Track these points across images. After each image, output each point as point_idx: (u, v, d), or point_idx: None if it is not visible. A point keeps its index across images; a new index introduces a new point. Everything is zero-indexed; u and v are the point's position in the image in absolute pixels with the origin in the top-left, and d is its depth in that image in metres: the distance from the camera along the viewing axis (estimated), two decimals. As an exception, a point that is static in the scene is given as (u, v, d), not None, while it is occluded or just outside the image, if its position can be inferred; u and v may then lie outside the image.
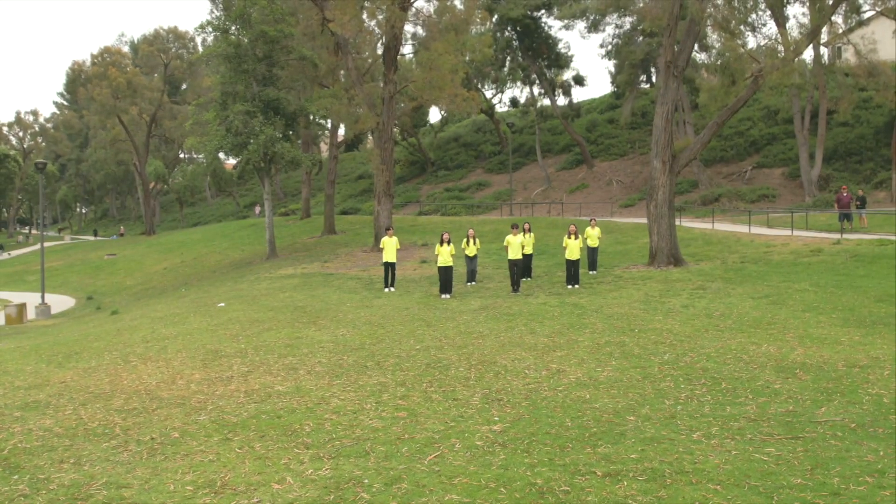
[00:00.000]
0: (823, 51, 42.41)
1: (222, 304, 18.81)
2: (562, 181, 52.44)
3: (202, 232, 61.99)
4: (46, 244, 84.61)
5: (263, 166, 34.39)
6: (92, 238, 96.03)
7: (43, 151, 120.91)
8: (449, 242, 18.40)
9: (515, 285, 18.28)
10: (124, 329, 16.56)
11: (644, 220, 35.50)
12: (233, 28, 33.77)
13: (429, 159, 64.67)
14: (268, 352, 11.99)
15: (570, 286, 18.53)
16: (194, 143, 34.17)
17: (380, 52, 33.75)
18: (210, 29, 34.74)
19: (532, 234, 21.20)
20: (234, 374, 10.35)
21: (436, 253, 18.66)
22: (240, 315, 16.53)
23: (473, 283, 20.27)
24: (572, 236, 18.88)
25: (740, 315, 13.80)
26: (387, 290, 19.72)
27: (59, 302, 37.04)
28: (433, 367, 10.37)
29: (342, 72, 34.98)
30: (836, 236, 24.67)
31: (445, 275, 18.16)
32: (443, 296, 18.06)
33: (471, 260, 20.24)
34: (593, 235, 20.93)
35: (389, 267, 19.88)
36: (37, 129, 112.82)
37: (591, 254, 20.95)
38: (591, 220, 21.44)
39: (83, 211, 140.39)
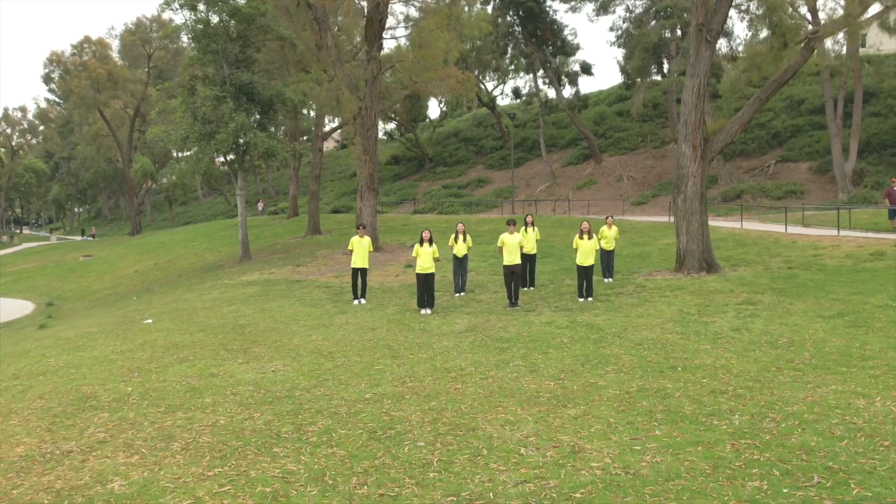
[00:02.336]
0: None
1: (149, 321, 15.18)
2: (568, 177, 48.74)
3: (186, 232, 58.51)
4: (31, 244, 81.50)
5: (236, 158, 30.79)
6: (79, 238, 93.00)
7: (36, 149, 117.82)
8: (431, 243, 14.72)
9: (513, 298, 14.63)
10: (8, 356, 12.93)
11: (662, 219, 31.93)
12: (201, 5, 30.16)
13: (426, 155, 61.02)
14: (155, 400, 8.36)
15: (582, 299, 14.87)
16: (158, 133, 30.59)
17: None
18: (177, 5, 31.11)
19: (536, 228, 17.54)
20: (76, 448, 6.74)
21: (413, 255, 14.97)
22: (159, 338, 12.89)
23: (463, 293, 16.63)
24: (585, 236, 15.18)
25: (817, 344, 10.12)
26: (356, 302, 16.09)
27: (15, 308, 33.53)
28: (379, 438, 6.73)
29: (323, 51, 31.32)
30: (892, 237, 20.96)
31: (425, 284, 14.49)
32: (422, 311, 14.41)
33: (460, 262, 16.58)
34: (609, 236, 17.27)
35: (359, 274, 16.22)
36: (25, 125, 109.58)
37: (607, 258, 17.29)
38: (607, 218, 17.76)
39: (79, 210, 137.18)
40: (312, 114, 43.78)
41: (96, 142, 66.52)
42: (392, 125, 67.48)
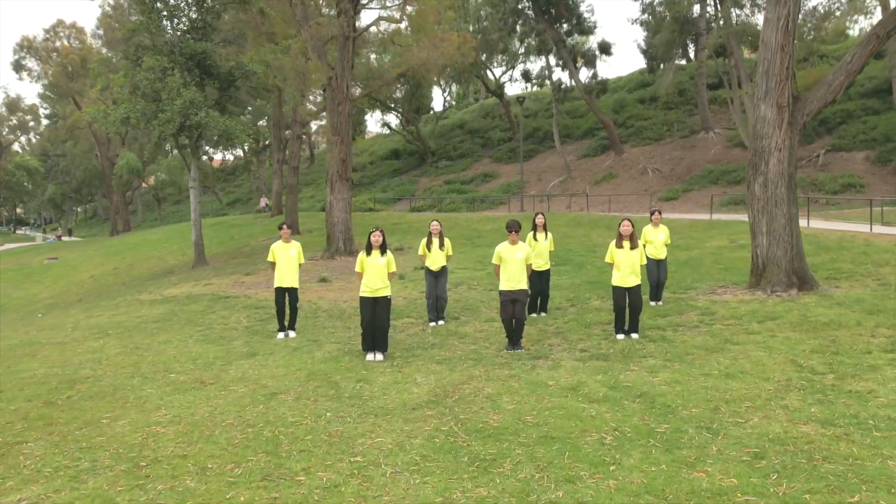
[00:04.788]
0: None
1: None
2: (584, 171, 43.27)
3: (164, 232, 53.48)
4: (13, 245, 76.69)
5: (188, 143, 25.60)
6: (66, 238, 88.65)
7: (34, 147, 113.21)
8: (383, 250, 9.31)
9: (515, 337, 9.28)
10: None
11: (699, 216, 26.46)
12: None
13: (428, 149, 55.67)
14: None
15: (622, 336, 9.52)
16: (94, 113, 25.49)
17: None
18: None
19: (550, 234, 12.01)
20: None
21: (357, 269, 9.48)
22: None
23: (442, 322, 11.31)
24: (626, 243, 9.57)
25: None
26: (280, 336, 10.76)
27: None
28: None
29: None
30: None
31: (372, 314, 9.07)
32: (368, 356, 9.07)
33: (436, 278, 11.25)
34: (658, 241, 11.81)
35: (285, 295, 10.88)
36: (15, 122, 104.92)
37: (656, 271, 11.77)
38: (652, 214, 12.13)
39: (77, 210, 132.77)
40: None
41: (74, 134, 61.41)
42: (392, 117, 62.37)
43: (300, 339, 10.59)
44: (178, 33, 25.35)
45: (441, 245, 11.16)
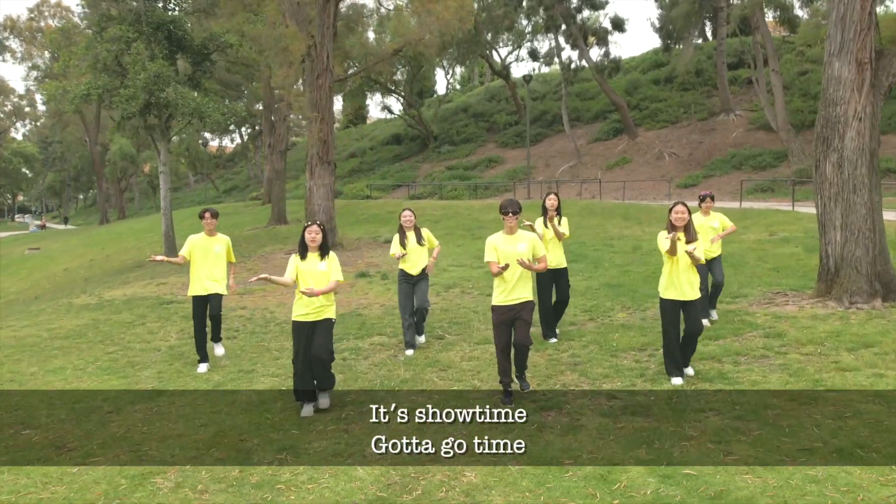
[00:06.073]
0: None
1: None
2: (595, 155, 40.48)
3: (150, 221, 50.91)
4: (3, 234, 74.30)
5: (157, 123, 22.99)
6: (62, 227, 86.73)
7: (34, 135, 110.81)
8: (323, 252, 6.47)
9: (519, 371, 6.50)
10: None
11: (728, 204, 23.39)
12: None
13: (431, 133, 52.89)
14: None
15: (679, 380, 6.58)
16: (50, 89, 22.97)
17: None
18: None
19: (564, 218, 8.71)
20: None
21: (288, 278, 6.39)
22: None
23: (421, 341, 8.67)
24: (680, 235, 6.61)
25: None
26: (203, 368, 8.07)
27: None
28: None
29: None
30: None
31: (307, 348, 6.26)
32: (305, 409, 6.25)
33: (414, 287, 8.48)
34: (707, 234, 8.92)
35: (206, 308, 8.17)
36: (10, 107, 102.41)
37: (709, 273, 8.77)
38: (703, 201, 9.02)
39: (79, 197, 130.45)
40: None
41: (62, 119, 58.89)
42: (393, 100, 59.53)
43: (230, 368, 7.98)
44: (145, 0, 22.71)
45: (419, 240, 8.46)
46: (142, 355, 8.87)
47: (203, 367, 7.98)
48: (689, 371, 6.75)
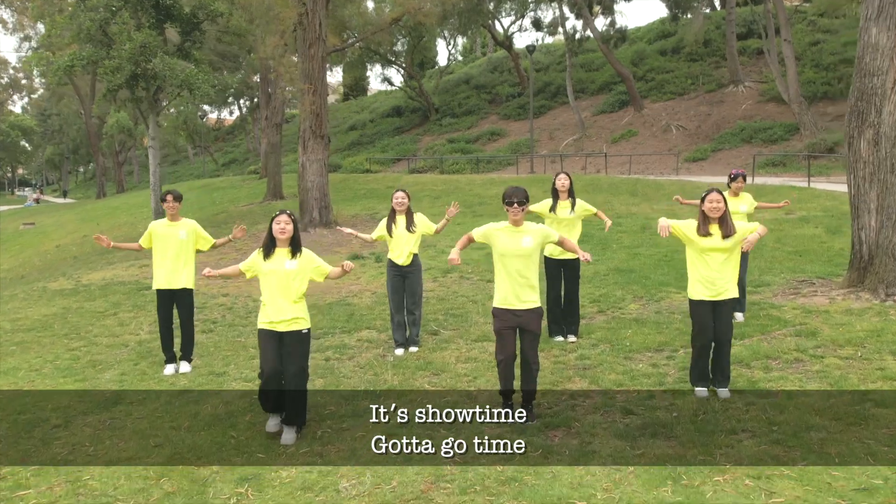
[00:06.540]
0: None
1: None
2: (601, 128, 39.42)
3: (146, 195, 49.98)
4: (2, 208, 73.53)
5: (145, 95, 22.07)
6: (60, 200, 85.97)
7: (34, 107, 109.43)
8: (295, 247, 5.44)
9: (528, 403, 5.42)
10: None
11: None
12: None
13: (432, 105, 51.74)
14: None
15: (703, 390, 5.71)
16: (34, 60, 22.06)
17: None
18: None
19: (578, 200, 8.03)
20: None
21: (242, 269, 5.56)
22: None
23: (414, 346, 7.79)
24: (716, 228, 5.59)
25: None
26: (169, 369, 7.25)
27: None
28: None
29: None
30: None
31: (277, 360, 5.31)
32: (270, 423, 5.42)
33: (404, 279, 7.62)
34: (741, 216, 7.53)
35: (172, 304, 7.26)
36: (6, 79, 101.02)
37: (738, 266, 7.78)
38: (734, 179, 8.11)
39: (80, 170, 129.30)
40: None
41: (57, 91, 57.73)
42: (394, 72, 58.38)
43: (200, 370, 7.19)
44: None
45: (409, 225, 7.61)
46: (106, 352, 8.08)
47: (170, 369, 7.19)
48: (724, 393, 5.74)
